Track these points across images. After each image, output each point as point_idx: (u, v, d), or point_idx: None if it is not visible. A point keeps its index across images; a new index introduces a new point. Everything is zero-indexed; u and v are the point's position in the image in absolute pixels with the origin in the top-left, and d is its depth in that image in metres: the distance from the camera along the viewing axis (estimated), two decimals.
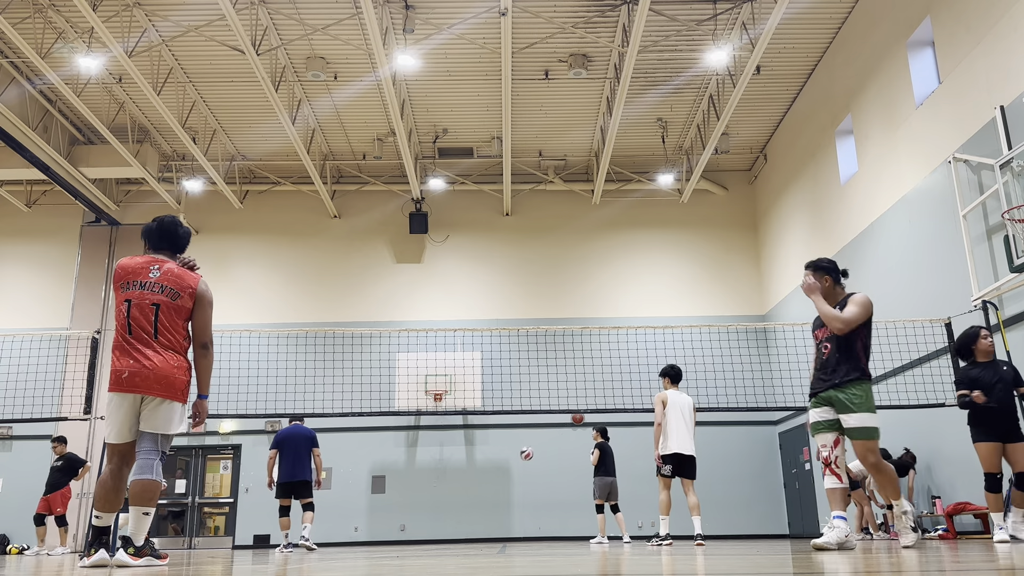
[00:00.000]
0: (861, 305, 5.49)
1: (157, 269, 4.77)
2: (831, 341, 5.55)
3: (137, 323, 4.66)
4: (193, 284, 4.82)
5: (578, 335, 16.31)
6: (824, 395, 5.50)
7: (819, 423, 5.53)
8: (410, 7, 12.35)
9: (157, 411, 4.63)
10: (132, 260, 4.80)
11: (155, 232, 4.93)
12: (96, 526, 4.58)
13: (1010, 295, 9.12)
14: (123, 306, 4.67)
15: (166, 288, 4.74)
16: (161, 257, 4.86)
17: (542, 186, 17.81)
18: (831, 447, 5.43)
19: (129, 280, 4.73)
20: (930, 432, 10.74)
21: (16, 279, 17.38)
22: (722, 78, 14.26)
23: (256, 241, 17.74)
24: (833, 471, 5.37)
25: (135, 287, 4.71)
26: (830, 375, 5.49)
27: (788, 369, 14.08)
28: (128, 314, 4.65)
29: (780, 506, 16.27)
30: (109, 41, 11.81)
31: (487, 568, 3.77)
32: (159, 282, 4.74)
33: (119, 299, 4.71)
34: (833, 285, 5.73)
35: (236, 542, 15.96)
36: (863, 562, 3.51)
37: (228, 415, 11.95)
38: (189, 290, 4.80)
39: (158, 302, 4.70)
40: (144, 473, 4.57)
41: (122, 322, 4.66)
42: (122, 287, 4.72)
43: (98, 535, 4.56)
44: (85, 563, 4.47)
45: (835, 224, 13.73)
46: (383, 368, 15.74)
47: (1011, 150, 8.77)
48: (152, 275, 4.75)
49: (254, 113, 15.50)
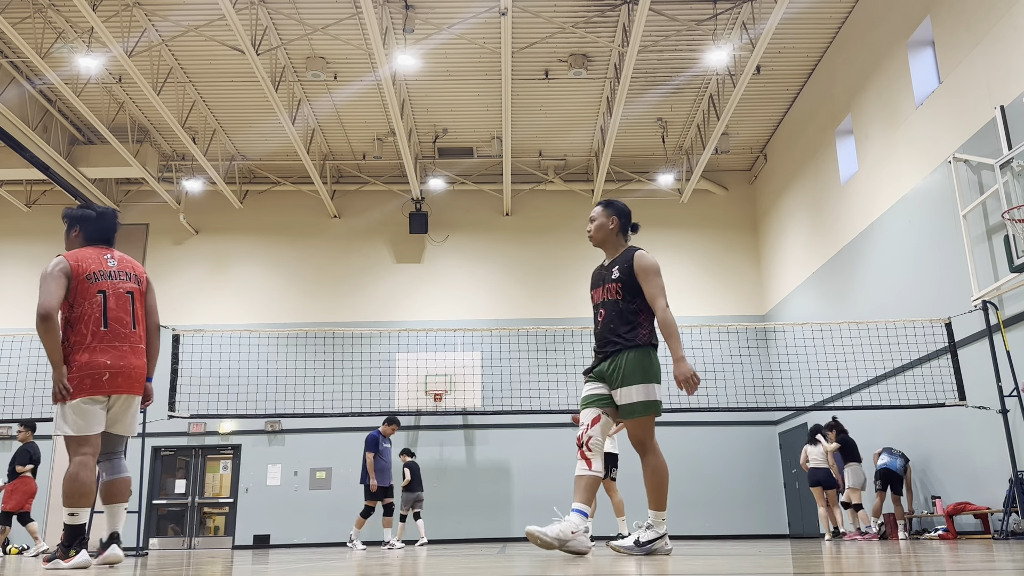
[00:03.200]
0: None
1: (111, 258, 4.58)
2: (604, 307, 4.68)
3: (114, 315, 4.46)
4: (144, 272, 4.76)
5: (578, 335, 16.31)
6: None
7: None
8: (410, 7, 12.35)
9: (129, 410, 4.54)
10: (83, 252, 4.51)
11: (96, 223, 4.64)
12: (72, 525, 4.30)
13: (1010, 295, 9.12)
14: (97, 297, 4.40)
15: (131, 275, 4.61)
16: (105, 247, 4.65)
17: (542, 186, 17.81)
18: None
19: (93, 271, 4.45)
20: (930, 432, 10.74)
21: (16, 279, 17.37)
22: (722, 78, 14.26)
23: (256, 241, 17.74)
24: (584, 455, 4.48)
25: (103, 277, 4.47)
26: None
27: (788, 369, 14.08)
28: (105, 305, 4.43)
29: (780, 506, 16.27)
30: (109, 41, 11.81)
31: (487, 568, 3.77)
32: (122, 270, 4.58)
33: (89, 290, 4.41)
34: (618, 232, 4.74)
35: (236, 542, 15.96)
36: (857, 562, 3.51)
37: (228, 415, 11.94)
38: (144, 277, 4.73)
39: (131, 290, 4.57)
40: (124, 471, 4.56)
41: (97, 316, 4.40)
42: (88, 278, 4.42)
43: (76, 535, 4.31)
44: (63, 565, 4.20)
45: (835, 224, 13.73)
46: (383, 368, 15.74)
47: (1011, 150, 8.77)
48: (111, 264, 4.55)
49: (254, 113, 15.50)
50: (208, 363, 13.66)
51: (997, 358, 9.03)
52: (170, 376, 10.08)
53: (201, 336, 14.11)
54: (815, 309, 14.24)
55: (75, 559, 4.24)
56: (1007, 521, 8.62)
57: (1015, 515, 8.60)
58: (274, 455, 16.45)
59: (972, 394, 9.75)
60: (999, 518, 8.94)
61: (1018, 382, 8.81)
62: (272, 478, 16.28)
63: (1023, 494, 8.42)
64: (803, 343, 13.47)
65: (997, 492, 9.20)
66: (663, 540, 4.46)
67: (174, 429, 15.73)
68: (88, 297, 4.40)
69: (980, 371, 9.58)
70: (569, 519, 4.29)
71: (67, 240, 4.66)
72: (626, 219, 4.78)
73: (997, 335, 9.16)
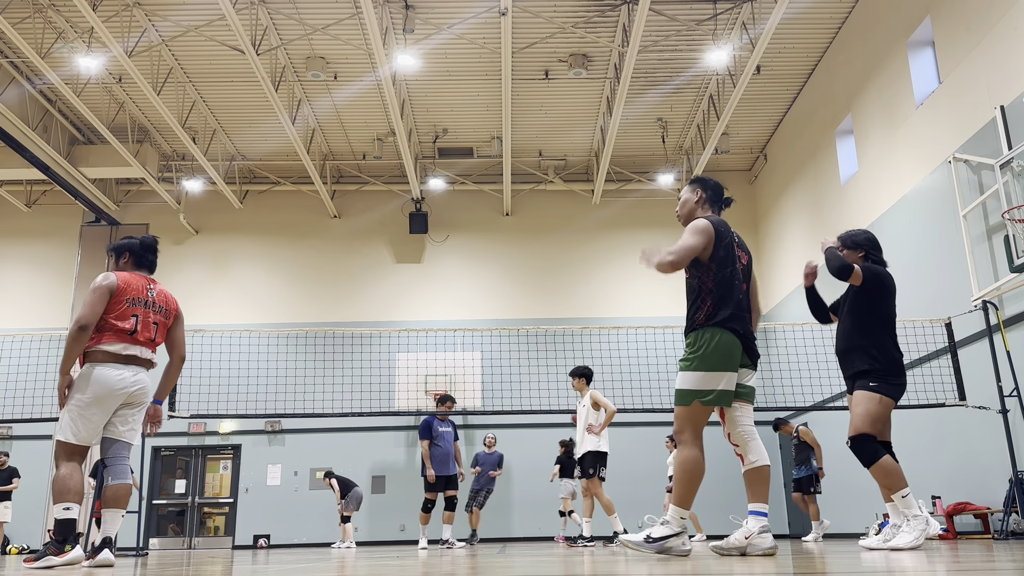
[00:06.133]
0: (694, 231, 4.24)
1: (152, 289, 4.97)
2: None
3: (137, 337, 4.81)
4: (177, 306, 5.15)
5: (578, 335, 16.31)
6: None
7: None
8: (410, 7, 12.35)
9: (135, 421, 4.82)
10: (131, 276, 4.91)
11: (140, 251, 5.07)
12: (64, 519, 4.45)
13: (1010, 295, 9.12)
14: (131, 320, 4.77)
15: (162, 309, 5.00)
16: (147, 276, 5.05)
17: (542, 186, 17.81)
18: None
19: (134, 296, 4.83)
20: (930, 432, 10.73)
21: (16, 279, 17.37)
22: (722, 78, 14.26)
23: (256, 241, 17.74)
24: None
25: (140, 304, 4.85)
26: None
27: (788, 369, 14.07)
28: (135, 328, 4.78)
29: (780, 506, 16.27)
30: (109, 41, 11.81)
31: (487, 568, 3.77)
32: (157, 302, 4.97)
33: (125, 312, 4.76)
34: (704, 205, 4.48)
35: (236, 542, 15.96)
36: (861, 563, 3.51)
37: (228, 415, 11.93)
38: (175, 311, 5.11)
39: (158, 321, 4.95)
40: (126, 477, 4.75)
41: (126, 335, 4.74)
42: (128, 302, 4.79)
43: (69, 529, 4.44)
44: (56, 560, 4.33)
45: (835, 224, 13.73)
46: (383, 368, 15.74)
47: (1011, 150, 8.77)
48: (151, 295, 4.94)
49: (254, 113, 15.50)
50: (208, 363, 13.66)
51: (997, 358, 9.03)
52: None
53: (201, 336, 14.11)
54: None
55: (69, 555, 4.33)
56: (1007, 521, 8.61)
57: (1015, 515, 8.59)
58: (274, 455, 16.45)
59: (972, 394, 9.75)
60: (999, 518, 8.94)
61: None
62: (272, 478, 16.29)
63: (1023, 494, 8.42)
64: (803, 343, 13.46)
65: (997, 492, 9.19)
66: (679, 539, 4.04)
67: (174, 429, 15.74)
68: (123, 318, 4.76)
69: (980, 371, 9.57)
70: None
71: (116, 267, 5.07)
72: (713, 192, 4.50)
73: (997, 335, 9.16)
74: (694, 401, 4.11)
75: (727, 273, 4.22)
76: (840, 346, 5.38)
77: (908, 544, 4.72)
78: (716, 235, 4.24)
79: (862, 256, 5.42)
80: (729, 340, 4.13)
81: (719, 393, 4.13)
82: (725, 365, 4.12)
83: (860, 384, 5.15)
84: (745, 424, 4.33)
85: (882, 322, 5.25)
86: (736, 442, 4.35)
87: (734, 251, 4.30)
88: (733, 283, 4.23)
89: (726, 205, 4.59)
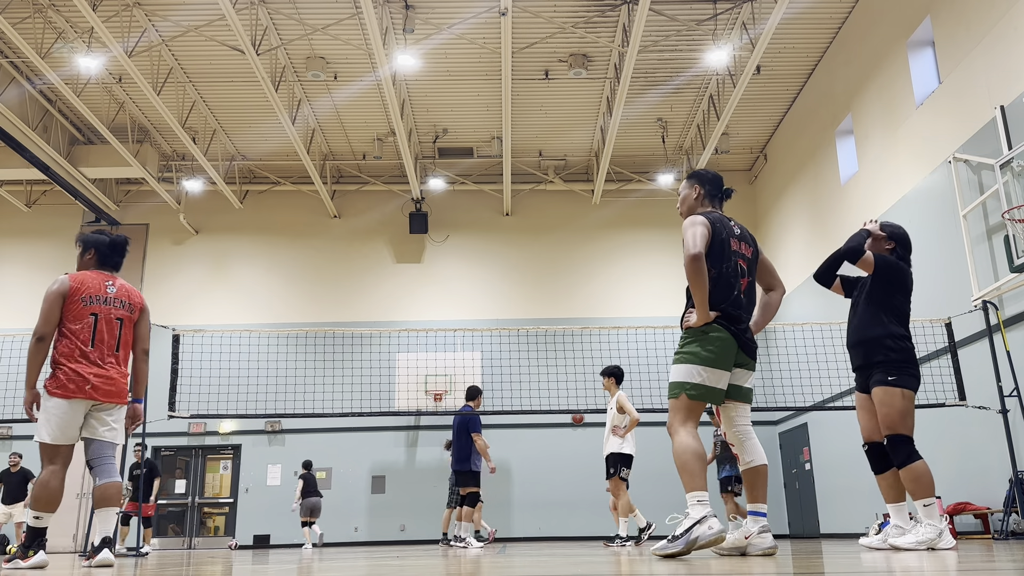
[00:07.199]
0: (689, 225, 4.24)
1: (112, 285, 4.96)
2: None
3: (101, 337, 4.83)
4: (141, 301, 5.15)
5: (578, 335, 16.30)
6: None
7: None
8: (410, 7, 12.35)
9: (111, 418, 4.85)
10: (87, 275, 4.92)
11: (107, 248, 5.04)
12: (35, 528, 4.61)
13: (1010, 295, 9.12)
14: (89, 319, 4.79)
15: (125, 304, 4.99)
16: (110, 273, 5.04)
17: (542, 186, 17.81)
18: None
19: (91, 294, 4.85)
20: (930, 432, 10.73)
21: (16, 279, 17.37)
22: (722, 78, 14.26)
23: (256, 241, 17.74)
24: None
25: (98, 302, 4.86)
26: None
27: (788, 369, 14.07)
28: (95, 327, 4.81)
29: (780, 506, 16.27)
30: (109, 41, 11.81)
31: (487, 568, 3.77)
32: (118, 298, 4.96)
33: (82, 312, 4.79)
34: (703, 199, 4.52)
35: (236, 542, 15.95)
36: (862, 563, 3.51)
37: (228, 415, 11.94)
38: (139, 306, 5.10)
39: (122, 317, 4.95)
40: (113, 476, 4.82)
41: (86, 335, 4.78)
42: (84, 301, 4.81)
43: (37, 536, 4.61)
44: (22, 564, 4.48)
45: (835, 224, 13.73)
46: (383, 368, 15.73)
47: (1011, 150, 8.76)
48: (110, 291, 4.93)
49: (254, 113, 15.50)
50: (208, 363, 13.65)
51: (997, 358, 9.03)
52: (170, 376, 10.06)
53: (201, 336, 14.10)
54: (815, 309, 14.24)
55: (33, 559, 4.52)
56: (1007, 521, 8.61)
57: (1015, 515, 8.59)
58: (274, 455, 16.45)
59: (972, 394, 9.75)
60: (999, 518, 8.94)
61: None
62: (272, 478, 16.29)
63: (1023, 494, 8.42)
64: (803, 343, 13.45)
65: (997, 492, 9.20)
66: (703, 525, 3.82)
67: (174, 429, 15.72)
68: (81, 318, 4.79)
69: (980, 371, 9.57)
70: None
71: (80, 261, 5.06)
72: (712, 186, 4.53)
73: (997, 335, 9.16)
74: (681, 394, 4.10)
75: (722, 270, 4.22)
76: (853, 338, 5.25)
77: (909, 544, 4.71)
78: (712, 232, 4.25)
79: (890, 248, 5.32)
80: (721, 336, 4.13)
81: (706, 389, 4.09)
82: (715, 362, 4.10)
83: (877, 379, 4.97)
84: (741, 424, 4.33)
85: (897, 316, 5.11)
86: (732, 441, 4.35)
87: (730, 248, 4.28)
88: (728, 280, 4.22)
89: (727, 196, 4.59)
